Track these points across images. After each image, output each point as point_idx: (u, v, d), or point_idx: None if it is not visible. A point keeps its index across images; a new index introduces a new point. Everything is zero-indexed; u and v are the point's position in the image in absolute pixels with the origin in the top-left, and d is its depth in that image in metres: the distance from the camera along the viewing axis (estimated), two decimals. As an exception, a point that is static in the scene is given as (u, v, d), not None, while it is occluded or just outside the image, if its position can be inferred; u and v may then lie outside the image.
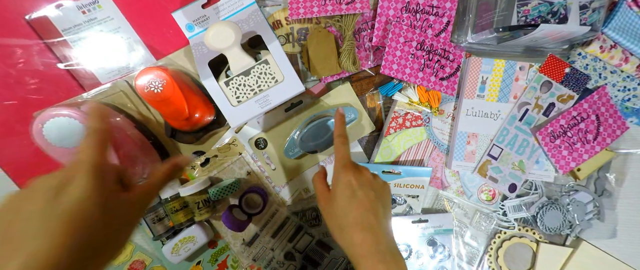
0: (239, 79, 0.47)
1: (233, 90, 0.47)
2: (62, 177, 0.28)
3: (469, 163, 0.56)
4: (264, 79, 0.47)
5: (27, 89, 0.49)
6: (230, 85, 0.47)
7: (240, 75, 0.47)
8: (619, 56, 0.53)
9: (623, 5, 0.51)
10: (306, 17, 0.51)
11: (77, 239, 0.27)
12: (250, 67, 0.47)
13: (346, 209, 0.40)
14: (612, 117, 0.55)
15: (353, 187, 0.41)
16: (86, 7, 0.49)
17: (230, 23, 0.43)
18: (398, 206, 0.58)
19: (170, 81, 0.45)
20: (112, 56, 0.51)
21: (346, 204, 0.40)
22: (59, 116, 0.42)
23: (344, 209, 0.40)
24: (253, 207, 0.55)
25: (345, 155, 0.44)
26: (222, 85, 0.47)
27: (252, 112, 0.48)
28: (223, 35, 0.43)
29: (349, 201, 0.40)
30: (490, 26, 0.49)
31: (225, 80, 0.47)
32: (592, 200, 0.58)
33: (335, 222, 0.41)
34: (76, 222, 0.27)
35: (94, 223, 0.28)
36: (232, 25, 0.43)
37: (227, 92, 0.47)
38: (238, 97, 0.48)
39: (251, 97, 0.47)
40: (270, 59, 0.47)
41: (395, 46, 0.51)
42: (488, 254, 0.60)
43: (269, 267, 0.57)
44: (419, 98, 0.55)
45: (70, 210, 0.27)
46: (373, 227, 0.39)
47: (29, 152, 0.49)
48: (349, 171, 0.42)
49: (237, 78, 0.47)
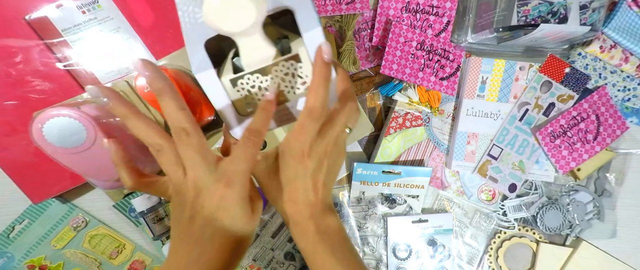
0: (252, 78, 0.32)
1: (242, 93, 0.33)
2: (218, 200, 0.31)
3: (469, 163, 0.56)
4: (289, 82, 0.33)
5: (27, 89, 0.49)
6: (239, 85, 0.33)
7: (255, 73, 0.32)
8: (619, 56, 0.53)
9: (623, 5, 0.51)
10: (306, 17, 0.51)
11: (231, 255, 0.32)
12: (272, 63, 0.32)
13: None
14: (612, 117, 0.55)
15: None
16: (86, 7, 0.49)
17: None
18: (398, 206, 0.58)
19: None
20: (112, 56, 0.51)
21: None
22: (59, 116, 0.42)
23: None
24: (253, 207, 0.55)
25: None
26: (226, 84, 0.33)
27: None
28: (236, 9, 0.26)
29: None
30: (490, 26, 0.49)
31: (232, 77, 0.32)
32: (592, 200, 0.58)
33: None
34: (230, 244, 0.32)
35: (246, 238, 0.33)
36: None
37: (234, 95, 0.33)
38: (249, 103, 0.34)
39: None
40: (304, 53, 0.32)
41: (395, 46, 0.51)
42: (488, 254, 0.60)
43: (269, 267, 0.57)
44: (419, 98, 0.55)
45: (227, 239, 0.31)
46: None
47: (29, 152, 0.49)
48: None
49: (250, 77, 0.32)
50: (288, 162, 0.34)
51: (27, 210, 0.53)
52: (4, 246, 0.53)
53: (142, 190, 0.34)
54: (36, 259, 0.54)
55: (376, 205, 0.58)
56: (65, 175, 0.50)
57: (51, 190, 0.51)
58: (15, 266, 0.54)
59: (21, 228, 0.53)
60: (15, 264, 0.54)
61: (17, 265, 0.54)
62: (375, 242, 0.58)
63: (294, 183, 0.35)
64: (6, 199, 0.53)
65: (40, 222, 0.54)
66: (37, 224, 0.53)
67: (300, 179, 0.34)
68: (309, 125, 0.32)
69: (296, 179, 0.34)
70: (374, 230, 0.58)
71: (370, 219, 0.58)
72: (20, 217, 0.53)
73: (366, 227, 0.58)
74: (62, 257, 0.54)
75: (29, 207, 0.53)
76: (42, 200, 0.52)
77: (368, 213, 0.58)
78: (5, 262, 0.53)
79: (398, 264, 0.58)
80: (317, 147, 0.34)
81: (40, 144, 0.42)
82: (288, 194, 0.35)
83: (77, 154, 0.43)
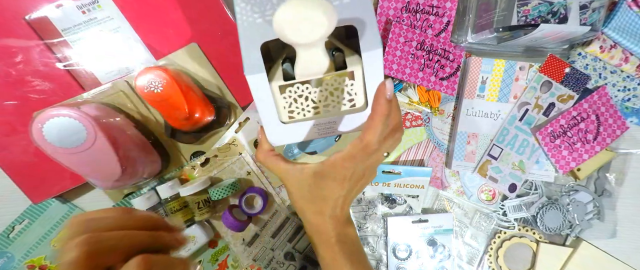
0: (302, 88, 0.32)
1: (288, 101, 0.33)
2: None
3: (469, 163, 0.56)
4: (337, 98, 0.33)
5: (27, 89, 0.49)
6: (287, 92, 0.33)
7: (306, 84, 0.32)
8: (619, 56, 0.53)
9: (623, 5, 0.51)
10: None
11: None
12: (325, 76, 0.32)
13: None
14: (612, 117, 0.55)
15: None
16: (86, 7, 0.49)
17: (327, 4, 0.25)
18: (398, 206, 0.58)
19: (170, 81, 0.45)
20: (112, 56, 0.51)
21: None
22: (59, 116, 0.42)
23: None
24: (253, 207, 0.55)
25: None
26: (274, 90, 0.32)
27: (301, 135, 0.35)
28: (309, 22, 0.25)
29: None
30: (490, 26, 0.49)
31: (282, 83, 0.32)
32: (592, 200, 0.58)
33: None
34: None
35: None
36: (327, 8, 0.25)
37: (279, 101, 0.33)
38: (292, 111, 0.34)
39: (311, 117, 0.34)
40: (359, 72, 0.32)
41: (395, 46, 0.51)
42: (488, 254, 0.59)
43: (269, 267, 0.57)
44: (419, 98, 0.55)
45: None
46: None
47: (29, 152, 0.49)
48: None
49: (300, 86, 0.32)
50: (328, 184, 0.36)
51: (27, 210, 0.53)
52: (4, 246, 0.53)
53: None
54: (36, 259, 0.54)
55: (376, 205, 0.58)
56: (65, 175, 0.51)
57: (51, 190, 0.51)
58: (15, 266, 0.54)
59: (21, 228, 0.53)
60: (15, 264, 0.54)
61: (17, 265, 0.54)
62: (375, 242, 0.58)
63: (327, 200, 0.37)
64: (6, 199, 0.53)
65: (40, 222, 0.54)
66: (37, 224, 0.53)
67: (334, 198, 0.37)
68: (360, 157, 0.33)
69: (331, 198, 0.37)
70: (374, 230, 0.58)
71: (370, 219, 0.58)
72: (20, 217, 0.53)
73: (366, 227, 0.58)
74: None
75: (29, 207, 0.53)
76: (42, 200, 0.52)
77: (368, 213, 0.58)
78: (5, 262, 0.53)
79: (398, 264, 0.58)
80: (358, 171, 0.36)
81: (40, 144, 0.42)
82: (318, 207, 0.37)
83: (77, 154, 0.43)
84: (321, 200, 0.37)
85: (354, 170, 0.35)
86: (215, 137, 0.55)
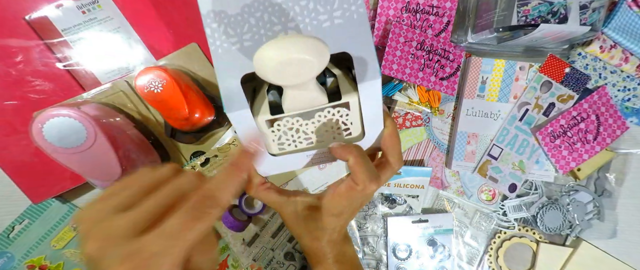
0: (292, 121, 0.29)
1: (277, 134, 0.30)
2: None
3: (469, 163, 0.56)
4: (331, 129, 0.30)
5: (27, 89, 0.49)
6: (275, 126, 0.29)
7: (296, 117, 0.29)
8: (619, 56, 0.53)
9: (623, 5, 0.51)
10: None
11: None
12: (319, 108, 0.28)
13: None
14: (612, 117, 0.55)
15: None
16: (86, 7, 0.49)
17: (316, 41, 0.21)
18: (398, 206, 0.58)
19: (170, 81, 0.45)
20: (112, 56, 0.51)
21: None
22: (59, 116, 0.42)
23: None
24: (253, 207, 0.55)
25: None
26: (261, 124, 0.29)
27: (293, 166, 0.33)
28: (296, 65, 0.22)
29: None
30: (490, 26, 0.49)
31: (269, 117, 0.28)
32: (592, 200, 0.58)
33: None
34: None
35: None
36: (317, 46, 0.21)
37: (268, 135, 0.30)
38: (282, 143, 0.31)
39: (303, 148, 0.31)
40: (354, 103, 0.28)
41: (395, 46, 0.51)
42: (488, 254, 0.59)
43: (269, 267, 0.57)
44: (419, 98, 0.55)
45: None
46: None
47: (29, 152, 0.49)
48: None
49: (289, 119, 0.29)
50: (324, 218, 0.36)
51: (27, 210, 0.53)
52: (4, 246, 0.53)
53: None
54: (36, 259, 0.54)
55: (376, 205, 0.58)
56: (65, 175, 0.50)
57: (51, 190, 0.51)
58: (15, 266, 0.54)
59: (21, 228, 0.53)
60: (15, 264, 0.54)
61: (17, 265, 0.54)
62: (375, 242, 0.58)
63: (324, 230, 0.37)
64: (6, 199, 0.53)
65: (40, 222, 0.53)
66: (37, 224, 0.53)
67: (331, 228, 0.37)
68: (356, 196, 0.33)
69: (327, 228, 0.37)
70: (374, 230, 0.58)
71: (370, 219, 0.58)
72: (20, 217, 0.53)
73: (366, 227, 0.58)
74: (62, 257, 0.54)
75: (29, 207, 0.53)
76: (42, 200, 0.52)
77: (368, 213, 0.58)
78: (5, 262, 0.53)
79: (398, 264, 0.58)
80: (355, 204, 0.36)
81: (40, 144, 0.42)
82: (314, 235, 0.37)
83: (77, 154, 0.43)
84: (318, 230, 0.37)
85: (351, 204, 0.35)
86: (215, 137, 0.55)
